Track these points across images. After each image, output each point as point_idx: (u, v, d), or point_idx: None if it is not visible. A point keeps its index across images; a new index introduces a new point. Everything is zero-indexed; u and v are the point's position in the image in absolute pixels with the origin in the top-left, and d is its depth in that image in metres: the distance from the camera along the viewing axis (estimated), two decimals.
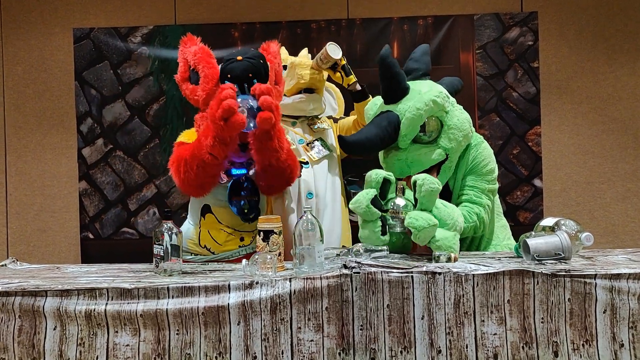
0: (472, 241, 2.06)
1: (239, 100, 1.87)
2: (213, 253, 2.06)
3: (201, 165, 1.91)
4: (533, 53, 3.07)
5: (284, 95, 2.42)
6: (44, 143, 3.14)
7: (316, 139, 2.41)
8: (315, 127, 2.46)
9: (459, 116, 1.98)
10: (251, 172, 2.06)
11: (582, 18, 3.10)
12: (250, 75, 1.95)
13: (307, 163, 2.34)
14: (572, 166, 3.12)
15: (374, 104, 2.11)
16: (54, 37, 3.13)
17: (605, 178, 3.12)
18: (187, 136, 2.07)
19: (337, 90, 2.73)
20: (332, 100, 2.73)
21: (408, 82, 2.00)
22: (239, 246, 2.08)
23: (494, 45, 3.07)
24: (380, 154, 2.07)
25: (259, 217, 1.74)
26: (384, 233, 1.78)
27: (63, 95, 3.13)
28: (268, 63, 2.05)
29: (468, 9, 3.09)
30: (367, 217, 1.78)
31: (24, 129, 3.15)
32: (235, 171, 2.03)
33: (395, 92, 1.97)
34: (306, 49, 2.62)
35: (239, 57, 1.97)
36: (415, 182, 1.74)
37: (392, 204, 1.80)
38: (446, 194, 2.00)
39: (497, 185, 2.03)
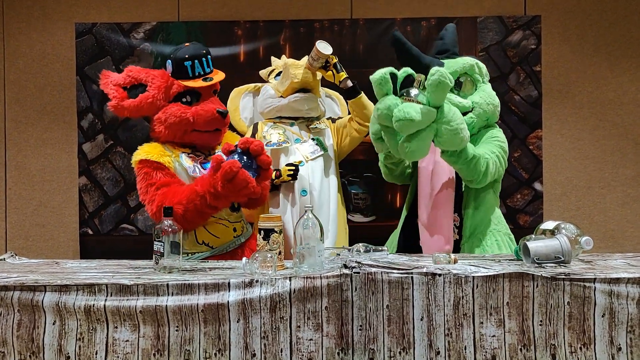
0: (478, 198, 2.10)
1: (235, 157, 1.92)
2: (212, 248, 2.06)
3: (201, 216, 1.98)
4: (535, 57, 3.07)
5: (281, 96, 2.43)
6: (45, 138, 3.14)
7: (312, 138, 2.42)
8: (313, 126, 2.47)
9: (491, 90, 2.17)
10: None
11: (585, 22, 3.10)
12: (204, 52, 2.13)
13: (301, 162, 2.35)
14: (573, 170, 3.13)
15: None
16: (56, 32, 3.12)
17: (605, 183, 3.12)
18: (146, 151, 2.07)
19: (340, 97, 2.73)
20: (335, 107, 2.73)
21: (444, 60, 2.10)
22: (234, 237, 2.12)
23: (497, 48, 3.07)
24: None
25: (260, 216, 1.74)
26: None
27: (64, 90, 3.12)
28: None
29: (471, 11, 3.09)
30: (381, 85, 1.79)
31: (24, 123, 3.14)
32: (208, 165, 2.06)
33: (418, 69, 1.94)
34: (306, 57, 2.57)
35: (186, 44, 2.17)
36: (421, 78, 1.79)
37: (406, 91, 1.80)
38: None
39: (504, 168, 2.12)
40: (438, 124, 1.78)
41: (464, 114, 2.03)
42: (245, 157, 1.92)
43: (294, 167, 2.33)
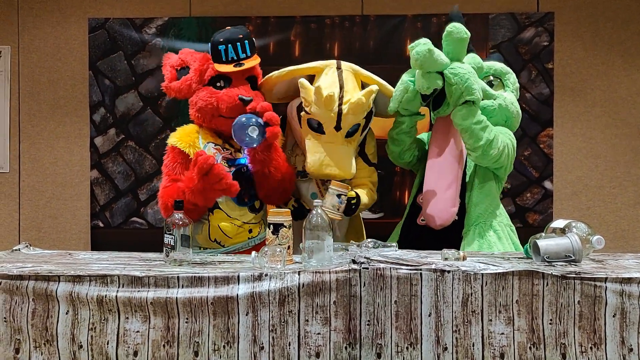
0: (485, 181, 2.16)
1: (244, 119, 1.94)
2: (223, 246, 2.07)
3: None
4: (548, 54, 3.05)
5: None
6: (57, 131, 3.17)
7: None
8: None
9: (515, 99, 2.23)
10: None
11: (598, 20, 3.07)
12: (241, 36, 2.08)
13: (314, 194, 2.21)
14: (584, 169, 3.10)
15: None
16: (69, 27, 3.15)
17: (617, 183, 3.09)
18: (179, 136, 2.09)
19: (389, 89, 2.53)
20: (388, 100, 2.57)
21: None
22: (248, 238, 2.10)
23: (509, 45, 3.05)
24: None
25: (270, 210, 1.75)
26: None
27: (77, 85, 3.15)
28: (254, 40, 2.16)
29: (483, 7, 3.08)
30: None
31: (37, 117, 3.18)
32: (236, 161, 2.07)
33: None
34: (370, 92, 2.17)
35: (227, 27, 2.14)
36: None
37: None
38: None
39: (510, 161, 2.17)
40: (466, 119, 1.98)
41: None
42: (258, 120, 1.95)
43: (295, 208, 2.13)
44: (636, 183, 3.09)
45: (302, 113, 2.11)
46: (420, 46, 1.93)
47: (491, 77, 2.22)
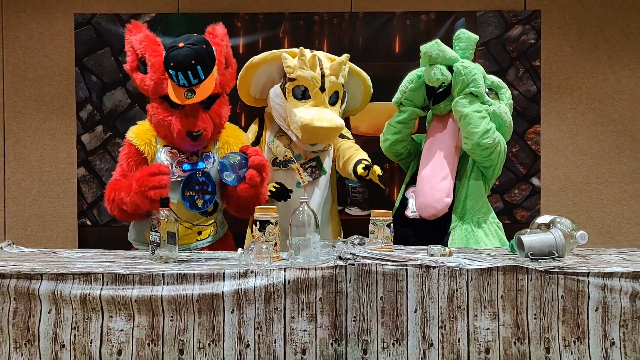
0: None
1: (224, 161, 1.97)
2: None
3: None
4: (535, 52, 3.07)
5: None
6: (43, 128, 3.14)
7: (312, 160, 2.37)
8: (315, 146, 2.39)
9: (509, 112, 2.30)
10: (208, 166, 2.08)
11: (584, 18, 3.10)
12: (194, 62, 1.93)
13: (298, 183, 2.33)
14: (570, 166, 3.13)
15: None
16: (55, 22, 3.12)
17: (603, 179, 3.12)
18: (137, 133, 2.08)
19: (367, 79, 2.56)
20: (357, 91, 2.56)
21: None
22: (197, 240, 2.09)
23: (496, 42, 3.06)
24: None
25: (257, 207, 1.74)
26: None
27: (63, 81, 3.12)
28: (213, 48, 2.04)
29: (471, 5, 3.09)
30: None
31: (23, 114, 3.14)
32: (186, 166, 2.05)
33: None
34: (315, 55, 2.40)
35: (181, 44, 1.96)
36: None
37: None
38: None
39: (501, 160, 2.23)
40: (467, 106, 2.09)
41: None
42: (237, 161, 1.98)
43: (277, 189, 2.25)
44: (621, 179, 3.12)
45: (287, 84, 2.29)
46: (430, 42, 2.12)
47: (487, 90, 2.27)
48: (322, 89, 2.28)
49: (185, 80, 1.94)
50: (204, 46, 1.98)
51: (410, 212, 2.20)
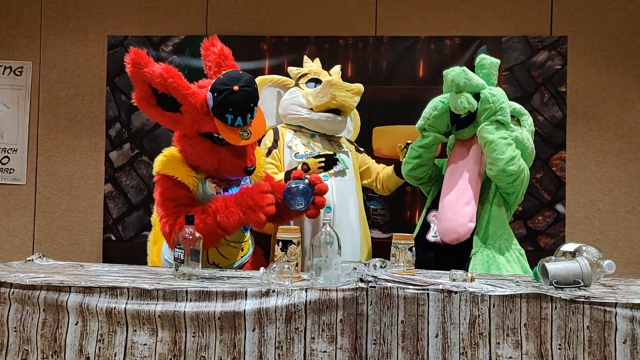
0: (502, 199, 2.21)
1: (294, 186, 2.11)
2: (220, 269, 2.06)
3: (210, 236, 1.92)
4: (561, 77, 3.05)
5: (311, 109, 2.45)
6: (74, 145, 3.23)
7: (334, 153, 2.43)
8: (336, 144, 2.49)
9: (531, 138, 2.31)
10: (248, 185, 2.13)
11: (612, 44, 3.08)
12: (252, 105, 1.93)
13: (325, 176, 2.36)
14: (597, 194, 3.08)
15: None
16: (89, 44, 3.24)
17: (631, 207, 3.06)
18: (175, 168, 1.98)
19: (357, 113, 2.77)
20: (349, 123, 2.75)
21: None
22: (240, 257, 2.15)
23: (521, 68, 3.06)
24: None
25: (279, 227, 1.76)
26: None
27: (94, 100, 3.22)
28: (255, 82, 2.01)
29: (496, 30, 3.10)
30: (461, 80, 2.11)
31: (55, 131, 3.25)
32: (233, 190, 2.08)
33: None
34: (339, 66, 2.66)
35: (235, 88, 1.90)
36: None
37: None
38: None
39: (524, 186, 2.23)
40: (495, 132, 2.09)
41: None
42: (307, 189, 2.13)
43: (324, 158, 2.32)
44: None
45: (300, 80, 2.57)
46: (456, 68, 2.14)
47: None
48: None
49: (241, 122, 1.93)
50: (254, 85, 1.98)
51: (431, 236, 2.19)
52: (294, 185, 2.12)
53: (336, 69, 2.63)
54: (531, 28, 3.10)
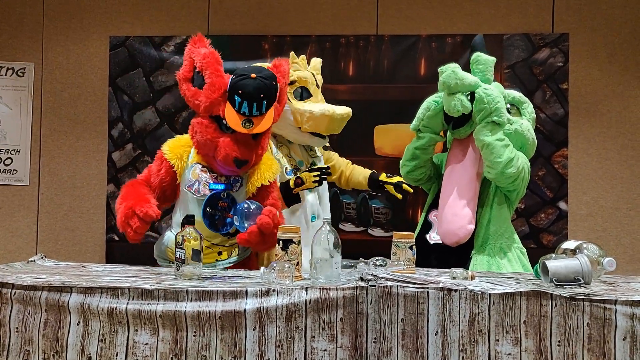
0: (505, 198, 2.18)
1: (239, 207, 1.98)
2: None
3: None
4: (562, 74, 3.05)
5: (299, 128, 2.39)
6: (77, 146, 3.25)
7: (312, 163, 2.46)
8: (312, 152, 2.49)
9: (532, 127, 2.24)
10: (234, 190, 2.08)
11: (614, 41, 3.07)
12: (262, 95, 1.97)
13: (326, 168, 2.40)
14: (599, 191, 3.07)
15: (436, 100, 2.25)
16: (91, 44, 3.25)
17: (634, 204, 3.05)
18: (172, 147, 2.09)
19: None
20: None
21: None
22: (216, 260, 2.07)
23: (523, 65, 3.06)
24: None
25: (280, 227, 1.76)
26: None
27: (97, 100, 3.24)
28: (278, 84, 2.06)
29: (498, 28, 3.10)
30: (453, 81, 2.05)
31: (58, 132, 3.26)
32: (213, 185, 2.05)
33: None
34: (320, 60, 2.59)
35: (253, 75, 1.98)
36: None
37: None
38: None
39: (525, 184, 2.19)
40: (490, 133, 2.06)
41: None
42: (247, 206, 1.98)
43: (318, 172, 2.30)
44: None
45: (288, 88, 2.39)
46: (448, 68, 2.09)
47: (508, 105, 2.23)
48: (317, 86, 2.43)
49: (247, 110, 1.97)
50: (273, 82, 2.03)
51: (432, 238, 2.18)
52: (245, 203, 1.99)
53: (318, 65, 2.54)
54: (533, 25, 3.09)
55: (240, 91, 1.97)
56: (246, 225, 1.96)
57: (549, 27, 3.09)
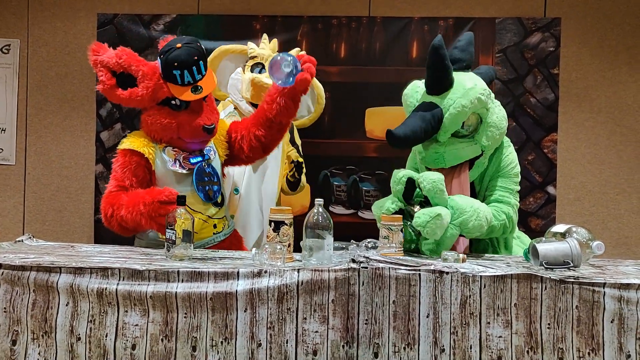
0: (498, 243, 2.07)
1: (279, 57, 1.94)
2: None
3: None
4: (554, 59, 3.05)
5: (242, 98, 2.56)
6: (64, 125, 3.19)
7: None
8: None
9: (497, 113, 2.01)
10: (211, 157, 2.13)
11: (605, 26, 3.07)
12: (196, 58, 2.00)
13: (237, 189, 2.52)
14: (587, 175, 3.10)
15: (415, 90, 2.10)
16: (78, 21, 3.18)
17: (621, 189, 3.09)
18: (133, 141, 2.03)
19: (320, 87, 2.77)
20: (309, 101, 2.77)
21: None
22: (213, 233, 2.09)
23: (515, 49, 3.05)
24: (419, 145, 2.06)
25: (271, 208, 1.76)
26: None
27: (84, 79, 3.17)
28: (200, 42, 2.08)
29: (490, 12, 3.08)
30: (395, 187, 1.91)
31: (45, 111, 3.20)
32: (194, 159, 2.07)
33: (441, 85, 1.97)
34: (275, 40, 2.71)
35: (178, 45, 2.00)
36: (418, 183, 1.82)
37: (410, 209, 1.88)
38: (472, 195, 2.03)
39: (519, 188, 2.08)
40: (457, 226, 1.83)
41: (475, 158, 2.01)
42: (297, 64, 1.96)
43: (292, 180, 2.57)
44: (639, 190, 3.08)
45: (247, 62, 2.59)
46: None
47: (465, 128, 2.00)
48: None
49: (190, 78, 1.99)
50: (198, 43, 2.05)
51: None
52: (280, 55, 1.94)
53: (272, 45, 2.69)
54: (525, 9, 3.08)
55: (175, 64, 1.97)
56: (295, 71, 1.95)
57: (542, 12, 3.08)
